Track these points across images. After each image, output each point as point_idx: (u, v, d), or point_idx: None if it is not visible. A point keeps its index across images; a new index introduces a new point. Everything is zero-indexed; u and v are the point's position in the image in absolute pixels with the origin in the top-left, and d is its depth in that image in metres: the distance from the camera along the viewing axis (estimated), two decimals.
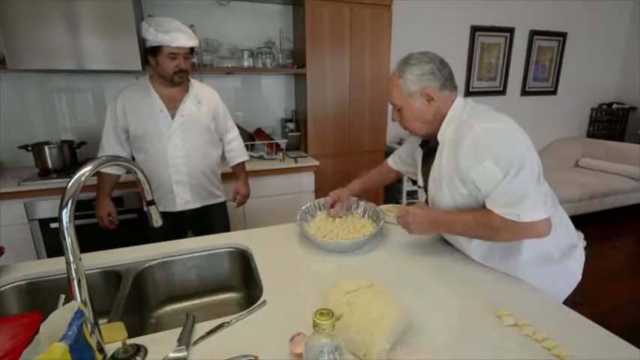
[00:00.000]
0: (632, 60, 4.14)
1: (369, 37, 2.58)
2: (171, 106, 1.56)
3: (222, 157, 1.82)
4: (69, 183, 0.66)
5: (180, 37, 1.44)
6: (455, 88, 1.02)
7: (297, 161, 2.42)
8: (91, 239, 1.31)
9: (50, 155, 2.01)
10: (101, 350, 0.70)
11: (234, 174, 1.90)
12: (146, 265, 1.12)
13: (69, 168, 2.07)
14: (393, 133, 3.11)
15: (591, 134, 4.32)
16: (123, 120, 1.54)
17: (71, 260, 0.67)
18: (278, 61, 2.58)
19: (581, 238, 1.10)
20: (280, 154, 2.48)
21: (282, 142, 2.58)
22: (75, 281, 0.68)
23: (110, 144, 1.57)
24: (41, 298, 1.04)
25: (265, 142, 2.53)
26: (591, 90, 4.22)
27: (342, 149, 2.73)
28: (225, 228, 1.80)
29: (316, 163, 2.47)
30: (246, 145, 1.97)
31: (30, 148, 2.00)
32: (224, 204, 1.82)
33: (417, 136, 1.11)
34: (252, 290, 1.12)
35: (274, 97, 2.84)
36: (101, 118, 1.67)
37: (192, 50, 1.54)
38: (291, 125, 2.74)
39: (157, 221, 0.92)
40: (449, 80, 0.99)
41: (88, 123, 2.39)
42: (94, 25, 1.92)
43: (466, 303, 0.88)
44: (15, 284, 1.02)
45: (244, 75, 2.70)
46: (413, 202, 3.07)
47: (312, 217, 1.34)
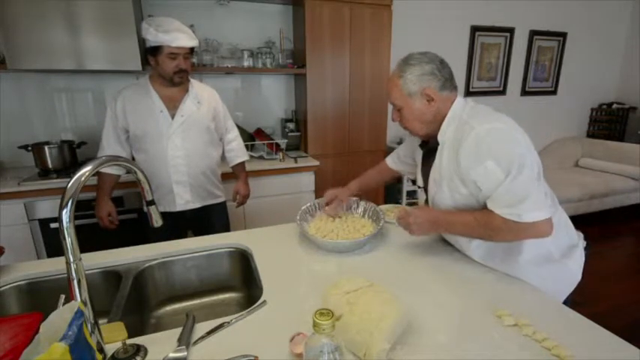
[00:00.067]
0: (632, 60, 4.14)
1: (369, 37, 2.58)
2: (171, 106, 1.56)
3: (222, 157, 1.82)
4: (69, 183, 0.66)
5: (181, 37, 1.44)
6: (455, 88, 1.02)
7: (297, 161, 2.42)
8: (91, 239, 1.31)
9: (50, 155, 2.02)
10: (101, 350, 0.70)
11: (234, 174, 1.90)
12: (146, 265, 1.12)
13: (69, 168, 2.07)
14: (393, 133, 3.10)
15: (591, 134, 4.32)
16: (123, 120, 1.54)
17: (71, 260, 0.67)
18: (278, 61, 2.58)
19: (581, 238, 1.10)
20: (280, 154, 2.48)
21: (282, 142, 2.58)
22: (75, 281, 0.68)
23: (110, 144, 1.58)
24: (41, 298, 1.04)
25: (265, 142, 2.53)
26: (591, 90, 4.22)
27: (342, 149, 2.73)
28: (225, 228, 1.80)
29: (316, 163, 2.47)
30: (246, 145, 1.97)
31: (30, 148, 2.01)
32: (224, 204, 1.82)
33: (417, 137, 1.11)
34: (252, 290, 1.12)
35: (274, 97, 2.84)
36: (101, 118, 1.68)
37: (192, 50, 1.54)
38: (291, 125, 2.74)
39: (156, 221, 0.92)
40: (449, 80, 0.99)
41: (88, 123, 2.39)
42: (94, 25, 1.92)
43: (466, 303, 0.88)
44: (15, 284, 1.02)
45: (244, 75, 2.70)
46: (414, 202, 3.06)
47: (312, 217, 1.34)
